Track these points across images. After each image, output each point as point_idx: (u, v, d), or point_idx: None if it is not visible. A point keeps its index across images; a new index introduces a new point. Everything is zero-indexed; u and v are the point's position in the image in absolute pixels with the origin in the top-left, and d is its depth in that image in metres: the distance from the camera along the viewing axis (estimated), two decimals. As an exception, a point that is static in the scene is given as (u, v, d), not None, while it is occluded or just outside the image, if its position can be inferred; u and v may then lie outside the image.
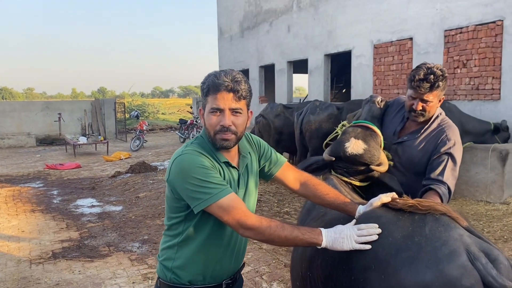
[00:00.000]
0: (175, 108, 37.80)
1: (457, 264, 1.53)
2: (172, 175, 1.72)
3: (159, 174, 9.86)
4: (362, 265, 1.72)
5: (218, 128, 1.73)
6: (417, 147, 2.57)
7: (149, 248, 5.30)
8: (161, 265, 1.89)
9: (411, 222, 1.73)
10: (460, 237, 1.61)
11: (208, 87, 1.72)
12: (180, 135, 17.82)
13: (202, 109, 1.80)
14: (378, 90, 9.80)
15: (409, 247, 1.63)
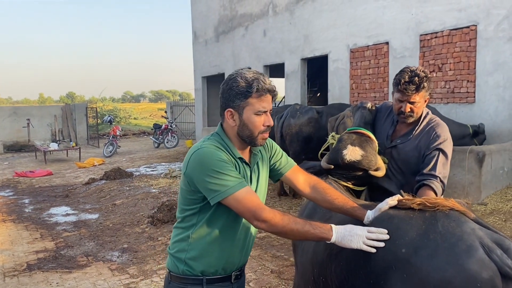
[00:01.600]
0: (147, 113, 37.27)
1: (476, 258, 1.57)
2: (190, 167, 1.78)
3: (135, 180, 9.62)
4: (382, 266, 1.73)
5: (263, 129, 1.83)
6: (411, 148, 2.64)
7: (130, 257, 5.12)
8: (172, 258, 1.91)
9: (423, 220, 1.76)
10: (472, 231, 1.65)
11: (256, 90, 1.77)
12: (155, 140, 17.54)
13: (233, 110, 1.83)
14: (355, 94, 9.89)
15: (426, 245, 1.66)
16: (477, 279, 1.54)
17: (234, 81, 1.79)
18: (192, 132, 19.93)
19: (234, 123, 1.84)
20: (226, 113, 1.84)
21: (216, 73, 15.96)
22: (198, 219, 1.85)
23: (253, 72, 1.82)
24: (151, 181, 9.45)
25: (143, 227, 6.20)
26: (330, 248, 2.01)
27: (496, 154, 6.29)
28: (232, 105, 1.81)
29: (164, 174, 10.14)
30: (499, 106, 6.98)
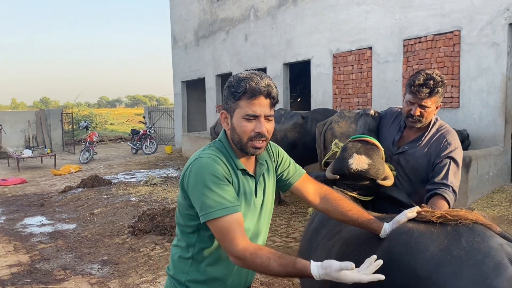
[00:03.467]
0: (123, 118, 36.64)
1: (506, 277, 1.45)
2: (186, 178, 1.64)
3: (113, 188, 9.30)
4: (400, 284, 1.59)
5: (252, 135, 1.64)
6: (420, 155, 2.54)
7: (110, 269, 4.85)
8: (172, 280, 1.77)
9: (445, 235, 1.63)
10: (500, 246, 1.54)
11: (244, 91, 1.61)
12: (132, 146, 17.14)
13: (226, 112, 1.70)
14: (338, 99, 9.83)
15: (449, 262, 1.53)
16: None
17: (229, 80, 1.68)
18: (171, 137, 19.59)
19: (227, 126, 1.71)
20: (221, 115, 1.72)
21: (196, 78, 15.73)
22: (197, 237, 1.68)
23: (252, 72, 1.68)
24: (130, 189, 9.15)
25: (124, 238, 5.94)
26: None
27: (482, 159, 6.29)
28: (226, 106, 1.69)
29: (143, 182, 9.84)
30: (483, 111, 7.00)
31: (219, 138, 1.75)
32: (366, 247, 1.85)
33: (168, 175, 10.76)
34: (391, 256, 1.68)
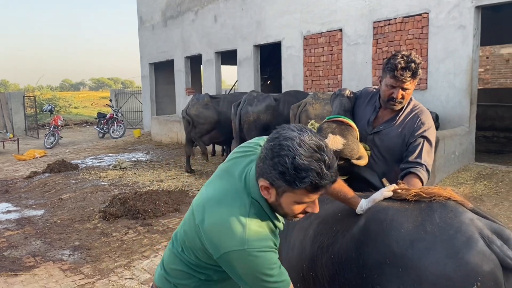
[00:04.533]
0: (88, 102, 35.65)
1: (476, 250, 1.51)
2: (227, 264, 1.51)
3: (81, 173, 9.11)
4: (375, 260, 1.63)
5: (300, 212, 1.53)
6: (395, 134, 2.58)
7: (82, 255, 4.78)
8: (171, 284, 1.72)
9: (419, 211, 1.69)
10: (471, 221, 1.59)
11: (307, 184, 1.40)
12: (99, 130, 16.77)
13: (270, 186, 1.47)
14: (308, 81, 9.88)
15: (423, 238, 1.58)
16: (478, 272, 1.49)
17: (282, 157, 1.38)
18: (139, 121, 19.27)
19: (268, 196, 1.50)
20: (259, 183, 1.50)
21: (165, 60, 15.43)
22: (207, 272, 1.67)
23: (315, 148, 1.39)
24: (100, 174, 8.98)
25: (95, 223, 5.84)
26: (320, 241, 1.90)
27: (449, 139, 6.49)
28: (271, 181, 1.45)
29: (113, 166, 9.67)
30: (450, 92, 7.20)
31: (253, 196, 1.54)
32: (343, 225, 1.89)
33: (138, 159, 10.61)
34: (367, 233, 1.72)
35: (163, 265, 1.77)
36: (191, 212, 1.65)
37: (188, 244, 1.64)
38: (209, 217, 1.53)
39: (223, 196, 1.56)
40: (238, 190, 1.56)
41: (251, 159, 1.65)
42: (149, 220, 5.76)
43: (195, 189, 7.38)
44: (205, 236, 1.53)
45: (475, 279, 1.48)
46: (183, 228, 1.69)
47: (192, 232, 1.61)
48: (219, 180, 1.66)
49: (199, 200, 1.66)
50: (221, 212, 1.52)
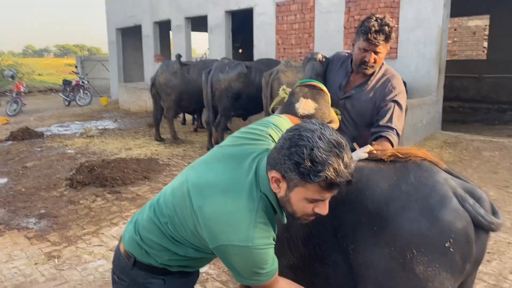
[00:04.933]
0: (53, 69, 34.32)
1: (450, 208, 1.54)
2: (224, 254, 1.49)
3: (47, 140, 8.81)
4: (350, 220, 1.63)
5: (310, 213, 1.47)
6: (366, 99, 2.59)
7: (49, 223, 4.65)
8: (143, 248, 1.66)
9: (394, 171, 1.69)
10: (445, 181, 1.62)
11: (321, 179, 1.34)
12: (65, 97, 16.23)
13: (281, 178, 1.42)
14: (280, 50, 9.77)
15: (398, 197, 1.59)
16: (451, 229, 1.52)
17: (300, 147, 1.34)
18: (106, 88, 18.72)
19: (277, 189, 1.45)
20: (269, 175, 1.45)
21: (132, 25, 14.89)
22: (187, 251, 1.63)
23: (335, 143, 1.35)
24: (66, 141, 8.71)
25: (61, 191, 5.68)
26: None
27: (417, 108, 6.60)
28: (283, 173, 1.39)
29: (79, 134, 9.40)
30: (419, 62, 7.27)
31: (261, 189, 1.48)
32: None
33: (105, 127, 10.34)
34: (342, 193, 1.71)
35: (137, 230, 1.68)
36: (186, 192, 1.55)
37: (177, 222, 1.58)
38: (212, 205, 1.47)
39: (230, 185, 1.49)
40: (247, 181, 1.49)
41: (262, 148, 1.58)
42: (118, 188, 5.66)
43: (164, 158, 7.28)
44: (204, 223, 1.48)
45: (448, 236, 1.51)
46: (172, 203, 1.60)
47: (186, 213, 1.54)
48: (223, 165, 1.57)
49: (195, 180, 1.56)
50: (227, 202, 1.46)
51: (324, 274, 1.78)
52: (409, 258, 1.53)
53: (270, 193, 1.48)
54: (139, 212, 1.77)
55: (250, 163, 1.53)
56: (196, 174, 1.59)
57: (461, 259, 1.54)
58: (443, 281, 1.54)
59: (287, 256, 1.82)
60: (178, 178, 1.69)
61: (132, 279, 1.67)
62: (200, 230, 1.50)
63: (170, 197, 1.62)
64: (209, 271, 3.64)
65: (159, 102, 8.46)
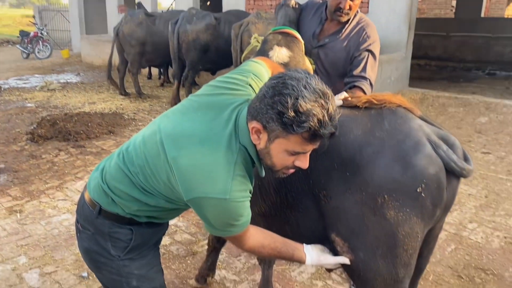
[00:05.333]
0: (9, 20, 32.33)
1: (423, 154, 1.53)
2: (199, 207, 1.43)
3: (4, 94, 8.41)
4: (323, 166, 1.60)
5: (290, 166, 1.42)
6: (340, 48, 2.53)
7: (9, 177, 4.48)
8: (109, 197, 1.58)
9: (368, 118, 1.66)
10: (419, 127, 1.60)
11: (305, 131, 1.28)
12: (23, 49, 15.33)
13: (262, 128, 1.35)
14: (250, 1, 9.47)
15: (372, 143, 1.57)
16: (424, 175, 1.52)
17: (283, 96, 1.27)
18: (67, 41, 17.81)
19: (257, 141, 1.39)
20: (249, 126, 1.38)
21: (93, -27, 14.04)
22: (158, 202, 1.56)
23: (320, 94, 1.30)
24: (25, 95, 8.32)
25: (22, 145, 5.45)
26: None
27: (386, 64, 6.60)
28: (264, 123, 1.33)
29: (39, 87, 8.97)
30: (390, 17, 7.21)
31: (241, 141, 1.42)
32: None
33: (67, 81, 9.91)
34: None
35: (104, 178, 1.60)
36: (159, 142, 1.46)
37: (148, 172, 1.49)
38: (188, 156, 1.39)
39: (207, 136, 1.41)
40: (226, 132, 1.42)
41: (242, 99, 1.50)
42: (82, 142, 5.48)
43: (130, 112, 7.08)
44: (179, 174, 1.40)
45: (420, 181, 1.51)
46: (143, 152, 1.51)
47: (159, 164, 1.46)
48: (200, 115, 1.48)
49: (169, 129, 1.47)
50: (204, 153, 1.38)
51: (295, 221, 1.77)
52: (380, 203, 1.53)
53: (249, 145, 1.42)
54: (106, 159, 1.68)
55: (229, 114, 1.46)
56: (170, 123, 1.50)
57: (432, 204, 1.55)
58: (413, 226, 1.55)
59: (259, 204, 1.80)
60: (149, 126, 1.60)
61: (97, 229, 1.60)
62: (174, 181, 1.43)
63: (141, 146, 1.53)
64: (178, 223, 3.61)
65: (123, 54, 8.11)
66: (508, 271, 3.00)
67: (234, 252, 3.21)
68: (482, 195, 4.13)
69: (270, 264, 2.62)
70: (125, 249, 1.60)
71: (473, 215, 3.76)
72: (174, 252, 3.22)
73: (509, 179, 4.45)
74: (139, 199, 1.54)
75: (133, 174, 1.53)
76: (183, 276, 2.95)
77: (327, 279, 2.93)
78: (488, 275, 2.96)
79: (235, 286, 2.86)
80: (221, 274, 2.97)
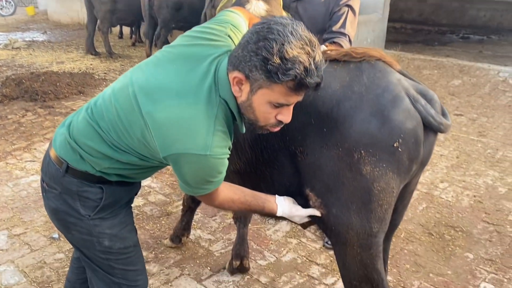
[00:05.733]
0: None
1: (401, 108, 1.50)
2: (177, 163, 1.36)
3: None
4: (300, 122, 1.55)
5: (272, 122, 1.36)
6: (319, 2, 2.50)
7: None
8: (78, 155, 1.49)
9: (347, 72, 1.60)
10: (398, 81, 1.57)
11: (290, 80, 1.21)
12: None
13: (244, 79, 1.28)
14: (225, -42, 9.12)
15: (350, 97, 1.53)
16: (401, 129, 1.49)
17: (269, 41, 1.20)
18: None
19: (239, 93, 1.32)
20: (230, 76, 1.30)
21: None
22: (130, 159, 1.48)
23: (307, 41, 1.22)
24: (-12, 53, 7.92)
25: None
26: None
27: (362, 26, 6.53)
28: (247, 72, 1.26)
29: (3, 45, 8.54)
30: (368, -23, 7.08)
31: (222, 95, 1.35)
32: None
33: (33, 39, 9.45)
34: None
35: (71, 133, 1.51)
36: (132, 96, 1.38)
37: (121, 128, 1.41)
38: (165, 110, 1.31)
39: (185, 89, 1.33)
40: (206, 85, 1.33)
41: (222, 50, 1.40)
42: (50, 102, 5.28)
43: (100, 72, 6.84)
44: (155, 130, 1.32)
45: (398, 136, 1.48)
46: (114, 107, 1.42)
47: (132, 119, 1.38)
48: (176, 66, 1.39)
49: (142, 82, 1.38)
50: (182, 107, 1.30)
51: (270, 178, 1.73)
52: (356, 158, 1.51)
53: (230, 98, 1.35)
54: (74, 114, 1.58)
55: (208, 65, 1.37)
56: (144, 75, 1.41)
57: (408, 159, 1.53)
58: (389, 181, 1.54)
59: (234, 161, 1.75)
60: (120, 79, 1.50)
61: (64, 188, 1.52)
62: (149, 137, 1.36)
63: (112, 99, 1.44)
64: (151, 184, 3.56)
65: (93, 12, 7.75)
66: (476, 228, 3.10)
67: (209, 212, 3.20)
68: (453, 155, 4.21)
69: (246, 223, 2.61)
70: (95, 208, 1.54)
71: (444, 175, 3.84)
72: (148, 213, 3.18)
73: (480, 140, 4.54)
74: (111, 156, 1.47)
75: (104, 130, 1.44)
76: (158, 236, 2.93)
77: (302, 237, 2.96)
78: (457, 232, 3.05)
79: (210, 245, 2.86)
80: (196, 234, 2.95)
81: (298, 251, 2.82)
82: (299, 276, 2.60)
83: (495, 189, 3.60)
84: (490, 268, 2.69)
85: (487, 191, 3.58)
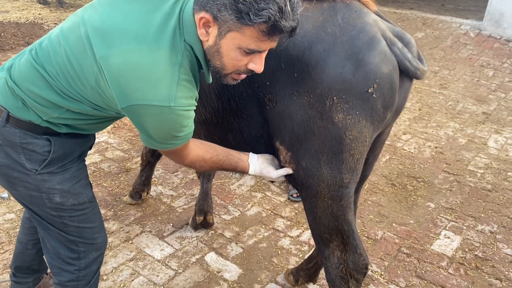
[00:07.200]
0: None
1: (377, 51, 1.40)
2: (137, 116, 1.21)
3: None
4: (269, 67, 1.44)
5: (242, 70, 1.24)
6: None
7: None
8: (20, 102, 1.34)
9: (320, 12, 1.48)
10: (375, 22, 1.46)
11: (263, 22, 1.08)
12: None
13: (212, 20, 1.14)
14: None
15: (323, 39, 1.41)
16: (377, 73, 1.39)
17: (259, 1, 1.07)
18: None
19: (205, 36, 1.19)
20: (197, 18, 1.16)
21: None
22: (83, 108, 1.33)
23: None
24: None
25: None
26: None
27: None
28: (215, 12, 1.12)
29: None
30: None
31: (187, 40, 1.20)
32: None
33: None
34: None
35: (13, 78, 1.33)
36: (85, 37, 1.20)
37: (71, 73, 1.24)
38: (122, 56, 1.14)
39: (145, 31, 1.16)
40: (169, 28, 1.17)
41: None
42: (-6, 53, 4.87)
43: (50, 23, 6.35)
44: (111, 77, 1.16)
45: (372, 81, 1.39)
46: (63, 49, 1.24)
47: (84, 63, 1.21)
48: (135, 6, 1.20)
49: (96, 22, 1.20)
50: (142, 52, 1.14)
51: (238, 129, 1.62)
52: (328, 105, 1.41)
53: (196, 43, 1.21)
54: (16, 57, 1.39)
55: (171, 6, 1.22)
56: (98, 15, 1.23)
57: (383, 106, 1.45)
58: (362, 129, 1.46)
59: (199, 110, 1.62)
60: (70, 18, 1.31)
61: (5, 139, 1.35)
62: (104, 85, 1.20)
63: (60, 40, 1.26)
64: (108, 140, 3.38)
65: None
66: (437, 178, 3.14)
67: (170, 167, 3.07)
68: (416, 108, 4.23)
69: (209, 177, 2.52)
70: (42, 162, 1.38)
71: (407, 127, 3.85)
72: (106, 170, 3.02)
73: (441, 93, 4.58)
74: (60, 104, 1.31)
75: (51, 75, 1.27)
76: (116, 193, 2.79)
77: (266, 191, 2.90)
78: (419, 183, 3.09)
79: (172, 201, 2.76)
80: (157, 190, 2.84)
81: (263, 204, 2.78)
82: (264, 230, 2.56)
83: (455, 140, 3.66)
84: (450, 216, 2.75)
85: (448, 142, 3.63)
